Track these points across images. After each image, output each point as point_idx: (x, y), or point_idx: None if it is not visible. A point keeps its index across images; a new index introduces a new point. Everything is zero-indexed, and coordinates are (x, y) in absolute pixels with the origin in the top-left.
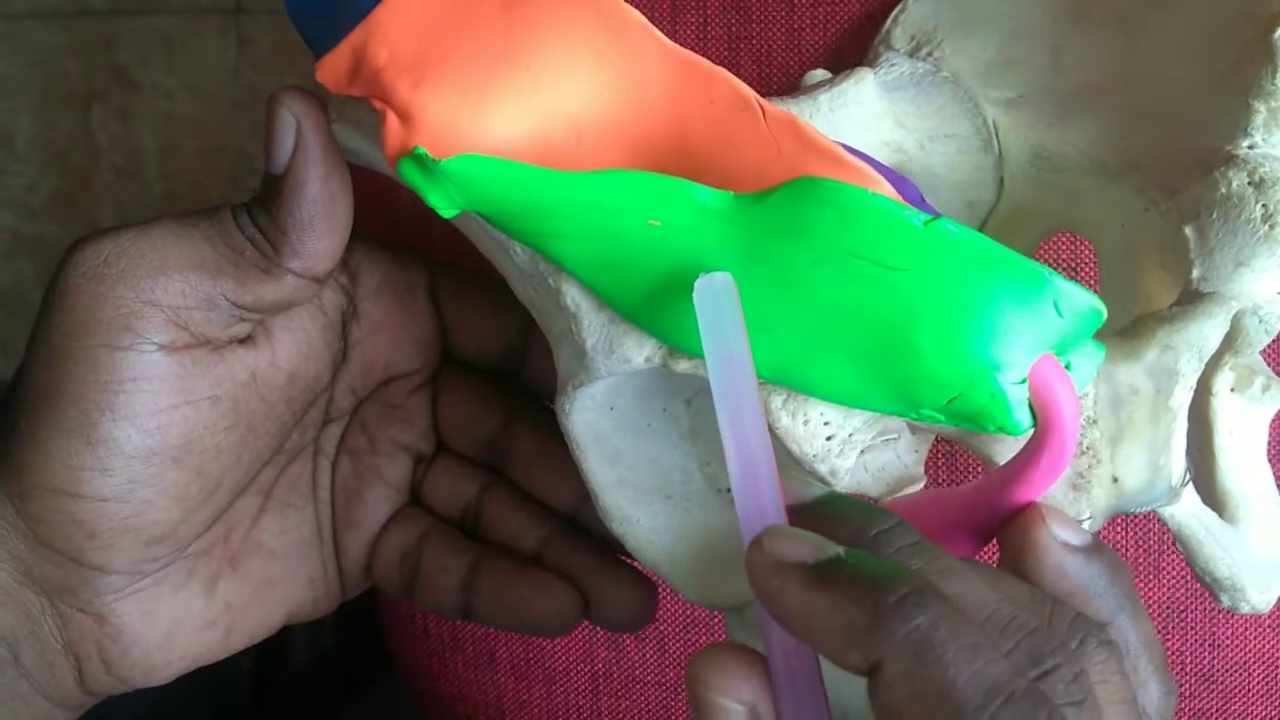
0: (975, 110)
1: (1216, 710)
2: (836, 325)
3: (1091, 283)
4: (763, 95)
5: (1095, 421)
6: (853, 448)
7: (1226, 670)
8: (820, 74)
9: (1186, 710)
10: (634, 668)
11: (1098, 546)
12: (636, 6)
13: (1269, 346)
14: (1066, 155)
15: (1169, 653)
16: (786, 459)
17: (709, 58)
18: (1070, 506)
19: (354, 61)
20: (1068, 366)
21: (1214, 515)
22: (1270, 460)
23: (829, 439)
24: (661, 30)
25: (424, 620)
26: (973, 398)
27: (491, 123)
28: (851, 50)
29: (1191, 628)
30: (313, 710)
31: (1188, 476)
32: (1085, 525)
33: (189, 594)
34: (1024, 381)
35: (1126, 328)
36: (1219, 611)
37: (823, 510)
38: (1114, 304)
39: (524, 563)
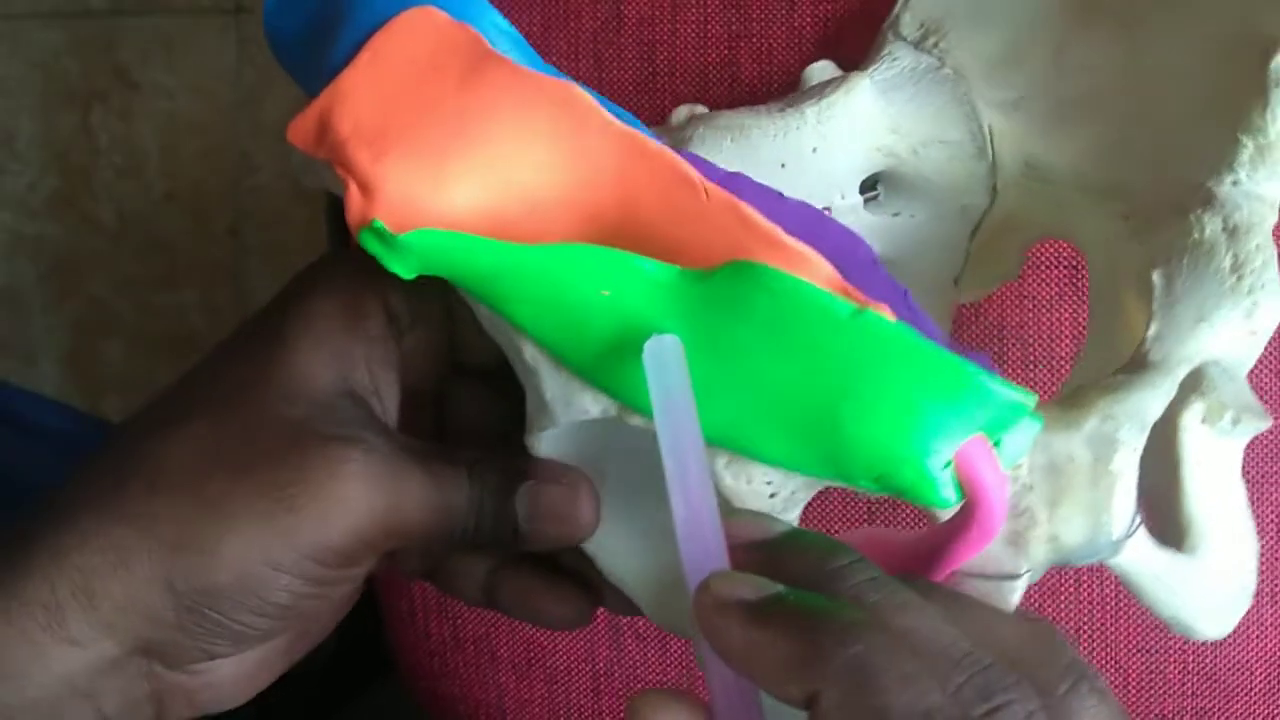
0: (972, 115)
1: (1219, 709)
2: (773, 398)
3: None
4: (763, 94)
5: (1031, 488)
6: (795, 504)
7: (1229, 669)
8: (821, 68)
9: (1189, 709)
10: (635, 667)
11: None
12: (638, 5)
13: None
14: (1056, 168)
15: (1172, 652)
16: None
17: (709, 57)
18: (1008, 562)
19: (320, 128)
20: (997, 444)
21: (1165, 556)
22: (1248, 481)
23: (772, 496)
24: (661, 30)
25: (425, 620)
26: (901, 476)
27: (448, 197)
28: (852, 39)
29: None
30: (312, 709)
31: (1134, 527)
32: (1024, 578)
33: (277, 640)
34: (949, 465)
35: (1068, 396)
36: None
37: (784, 546)
38: (1100, 319)
39: (540, 562)
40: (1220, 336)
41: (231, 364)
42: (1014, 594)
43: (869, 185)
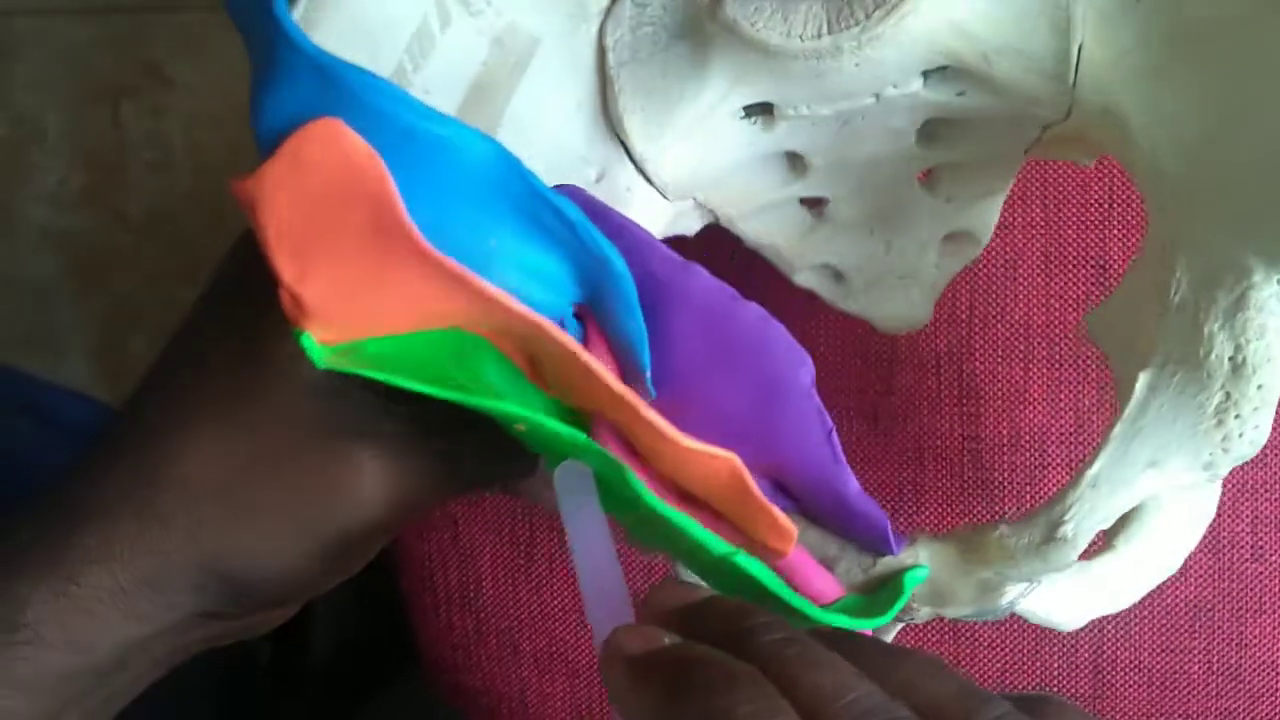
0: (1064, 27)
1: (1244, 710)
2: (671, 543)
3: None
4: None
5: (914, 603)
6: None
7: (1254, 670)
8: None
9: (1214, 710)
10: None
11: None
12: None
13: None
14: (1138, 143)
15: (1196, 652)
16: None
17: None
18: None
19: (250, 210)
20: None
21: (1065, 582)
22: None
23: None
24: None
25: (448, 612)
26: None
27: (362, 328)
28: None
29: (1219, 626)
30: (336, 702)
31: (1020, 602)
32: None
33: None
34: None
35: (970, 536)
36: (1247, 610)
37: (705, 609)
38: (1127, 296)
39: None
40: (1166, 480)
41: (234, 358)
42: (889, 632)
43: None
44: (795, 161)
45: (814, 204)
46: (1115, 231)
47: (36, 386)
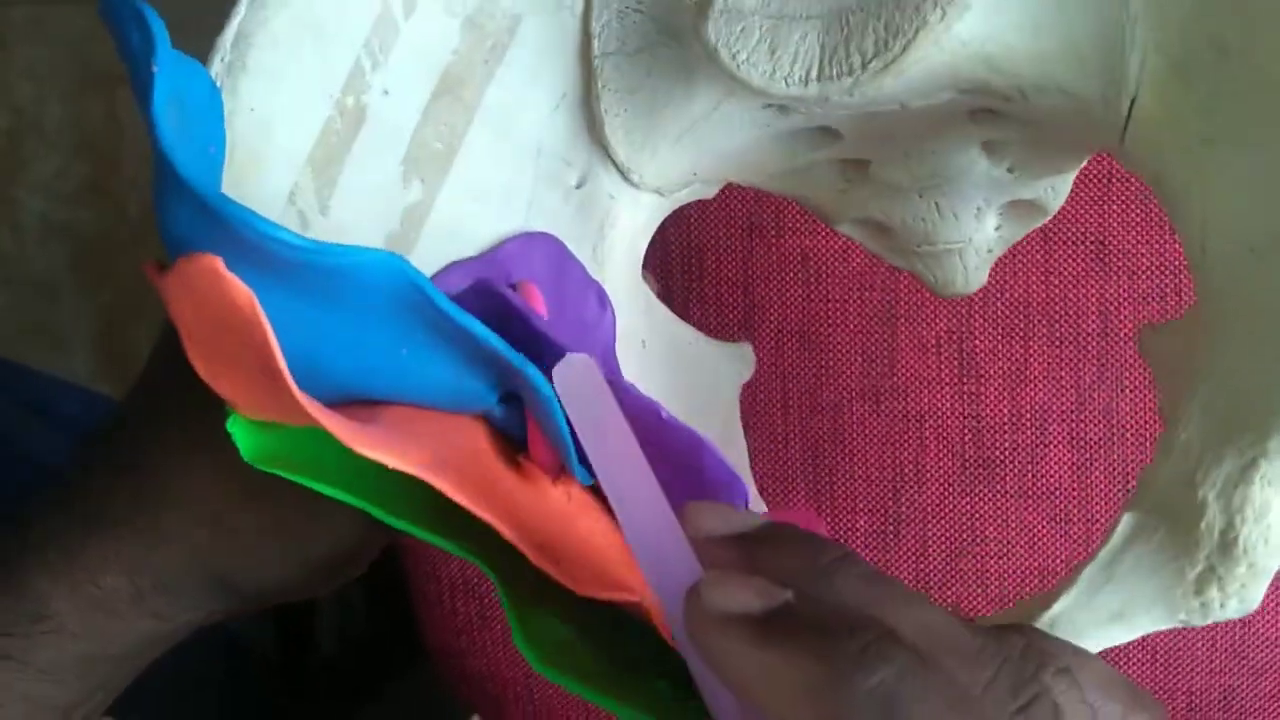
0: (1118, 77)
1: (1248, 687)
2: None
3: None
4: None
5: None
6: None
7: (1258, 645)
8: None
9: (1216, 686)
10: None
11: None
12: None
13: None
14: (1191, 222)
15: (1200, 629)
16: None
17: None
18: None
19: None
20: None
21: None
22: None
23: None
24: None
25: (451, 599)
26: None
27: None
28: None
29: None
30: (340, 699)
31: None
32: None
33: None
34: None
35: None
36: None
37: (769, 538)
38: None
39: None
40: (1130, 634)
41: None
42: None
43: None
44: (825, 130)
45: (854, 164)
46: (1114, 208)
47: (35, 379)
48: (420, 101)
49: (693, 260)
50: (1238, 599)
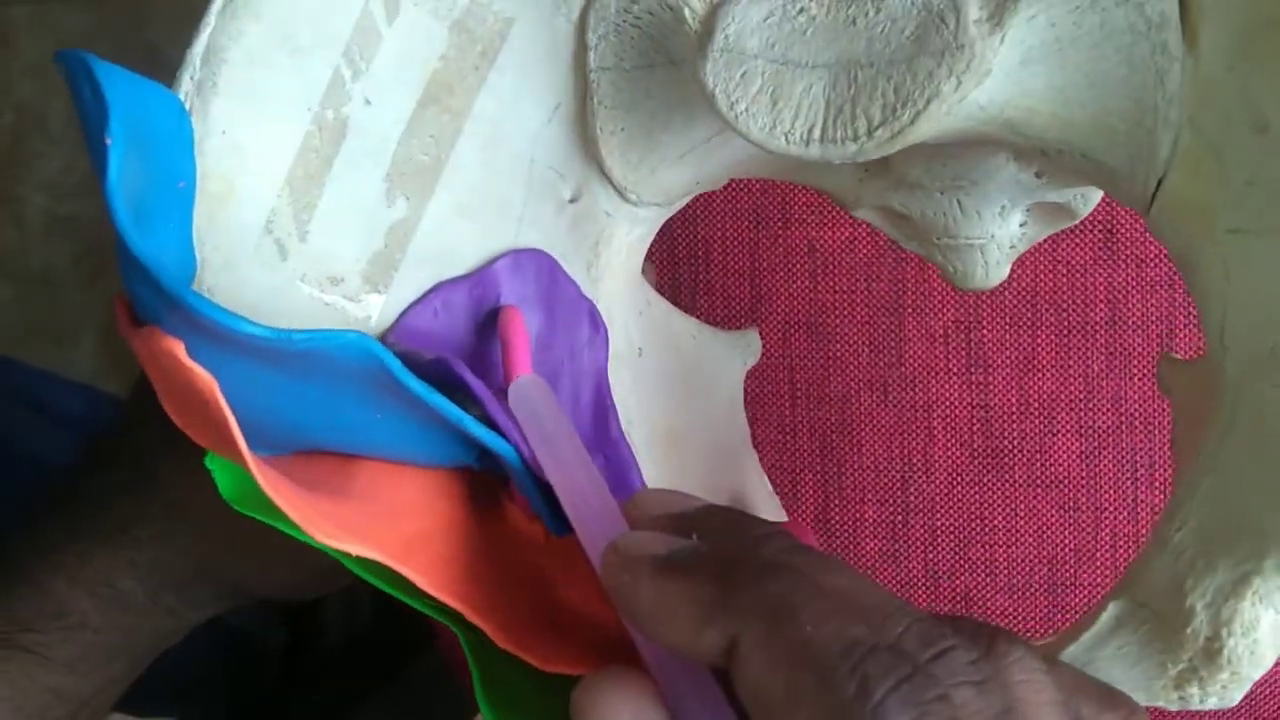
0: (1148, 156)
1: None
2: None
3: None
4: None
5: None
6: None
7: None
8: None
9: None
10: None
11: None
12: None
13: None
14: (1211, 310)
15: None
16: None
17: None
18: None
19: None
20: None
21: None
22: None
23: None
24: None
25: None
26: None
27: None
28: None
29: None
30: (349, 688)
31: None
32: None
33: None
34: None
35: None
36: None
37: (705, 516)
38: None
39: None
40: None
41: None
42: None
43: None
44: None
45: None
46: None
47: (37, 377)
48: (405, 111)
49: (699, 252)
50: (1217, 698)
